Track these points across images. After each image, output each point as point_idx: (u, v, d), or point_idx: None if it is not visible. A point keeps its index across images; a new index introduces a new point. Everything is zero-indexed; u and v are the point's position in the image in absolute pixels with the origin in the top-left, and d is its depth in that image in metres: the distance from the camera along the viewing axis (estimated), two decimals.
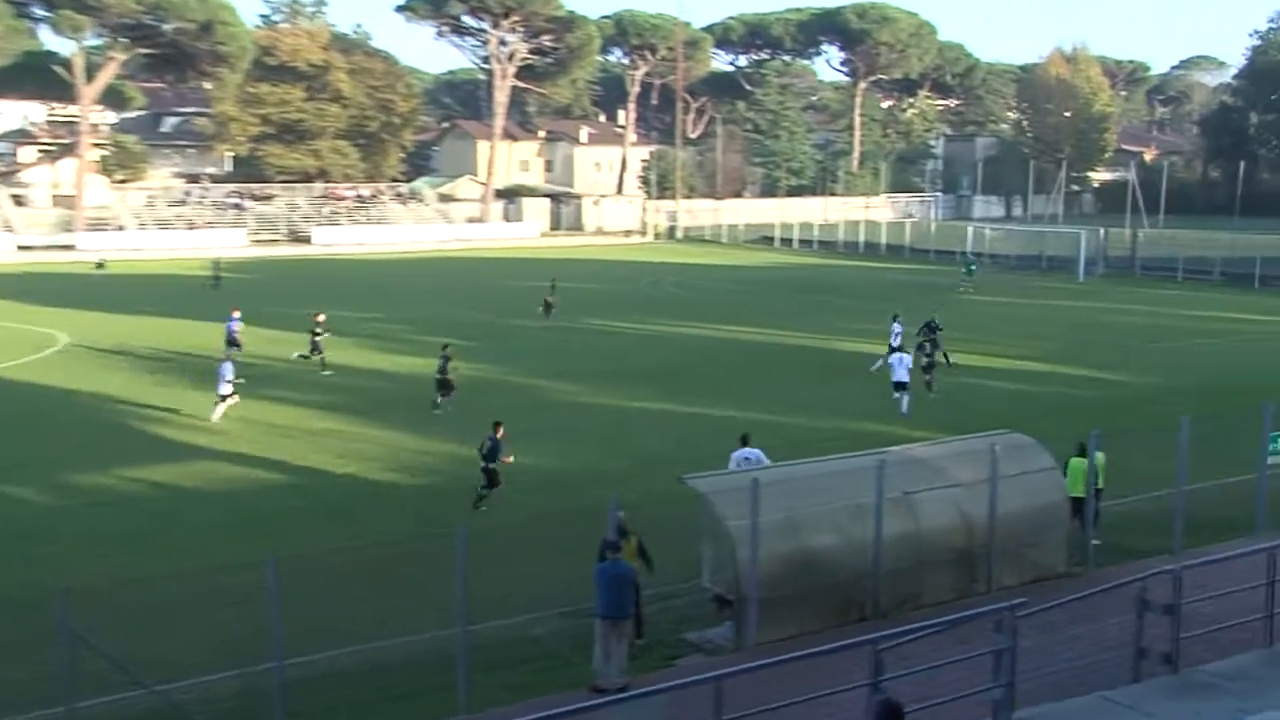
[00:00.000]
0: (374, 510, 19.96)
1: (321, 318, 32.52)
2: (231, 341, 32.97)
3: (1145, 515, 18.53)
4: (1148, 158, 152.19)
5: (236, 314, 34.35)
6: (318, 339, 31.72)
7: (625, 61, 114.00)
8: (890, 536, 14.97)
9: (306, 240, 78.58)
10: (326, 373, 31.31)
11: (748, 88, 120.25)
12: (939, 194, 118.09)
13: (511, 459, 20.23)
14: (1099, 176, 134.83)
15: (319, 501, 20.55)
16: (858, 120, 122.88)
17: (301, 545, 17.38)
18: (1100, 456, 17.83)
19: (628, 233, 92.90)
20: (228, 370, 26.68)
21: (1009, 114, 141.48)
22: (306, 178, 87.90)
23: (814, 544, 14.64)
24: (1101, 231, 64.41)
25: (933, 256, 72.25)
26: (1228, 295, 53.12)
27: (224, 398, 26.31)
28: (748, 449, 18.87)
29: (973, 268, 56.88)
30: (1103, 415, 26.63)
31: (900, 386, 27.15)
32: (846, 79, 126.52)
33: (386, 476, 21.99)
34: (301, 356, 32.21)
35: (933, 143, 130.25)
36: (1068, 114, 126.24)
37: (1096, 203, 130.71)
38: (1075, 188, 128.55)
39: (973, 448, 16.69)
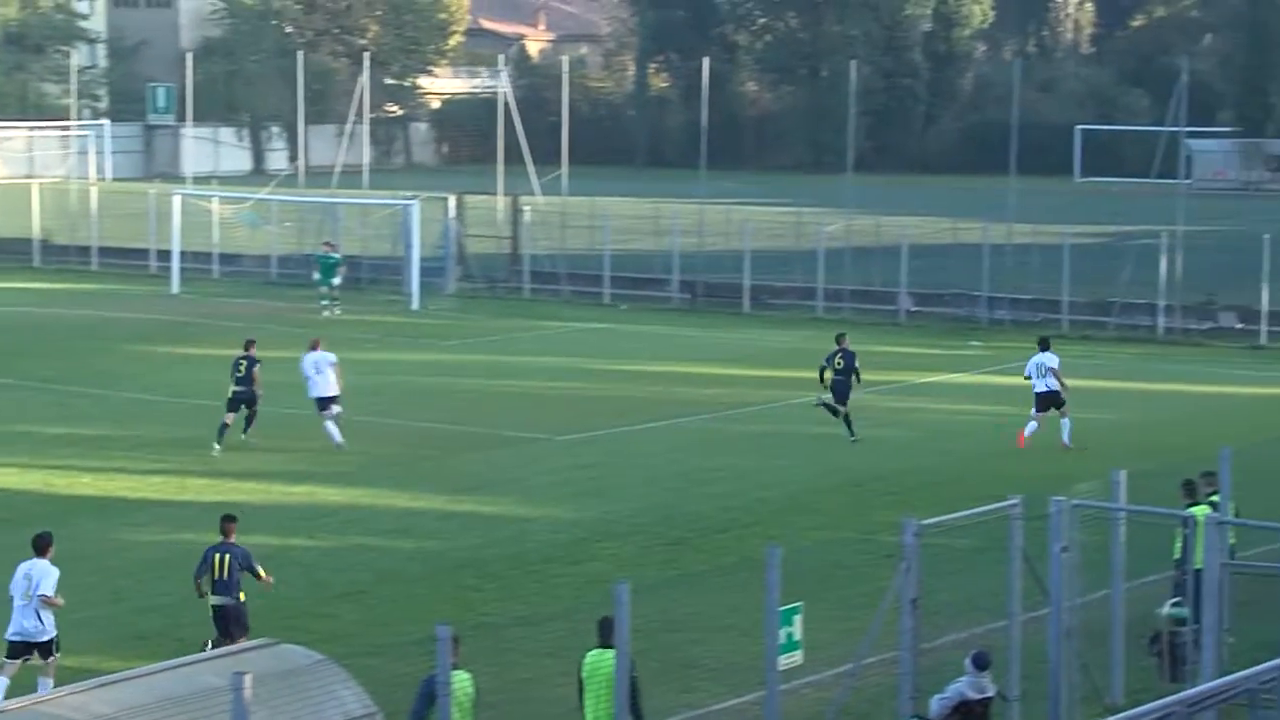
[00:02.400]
0: None
1: None
2: None
3: None
4: (534, 50, 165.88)
5: None
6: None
7: None
8: None
9: None
10: None
11: None
12: (105, 122, 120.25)
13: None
14: (441, 88, 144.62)
15: None
16: None
17: None
18: (465, 681, 19.18)
19: None
20: None
21: None
22: None
23: None
24: (451, 203, 69.42)
25: (97, 262, 73.55)
26: (693, 329, 59.76)
27: None
28: (34, 562, 23.28)
29: (335, 266, 61.89)
30: (464, 585, 28.92)
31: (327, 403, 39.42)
32: None
33: None
34: None
35: (83, 9, 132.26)
36: None
37: (438, 142, 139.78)
38: (394, 109, 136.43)
39: (196, 684, 17.09)
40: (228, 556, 24.52)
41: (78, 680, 18.32)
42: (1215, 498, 25.59)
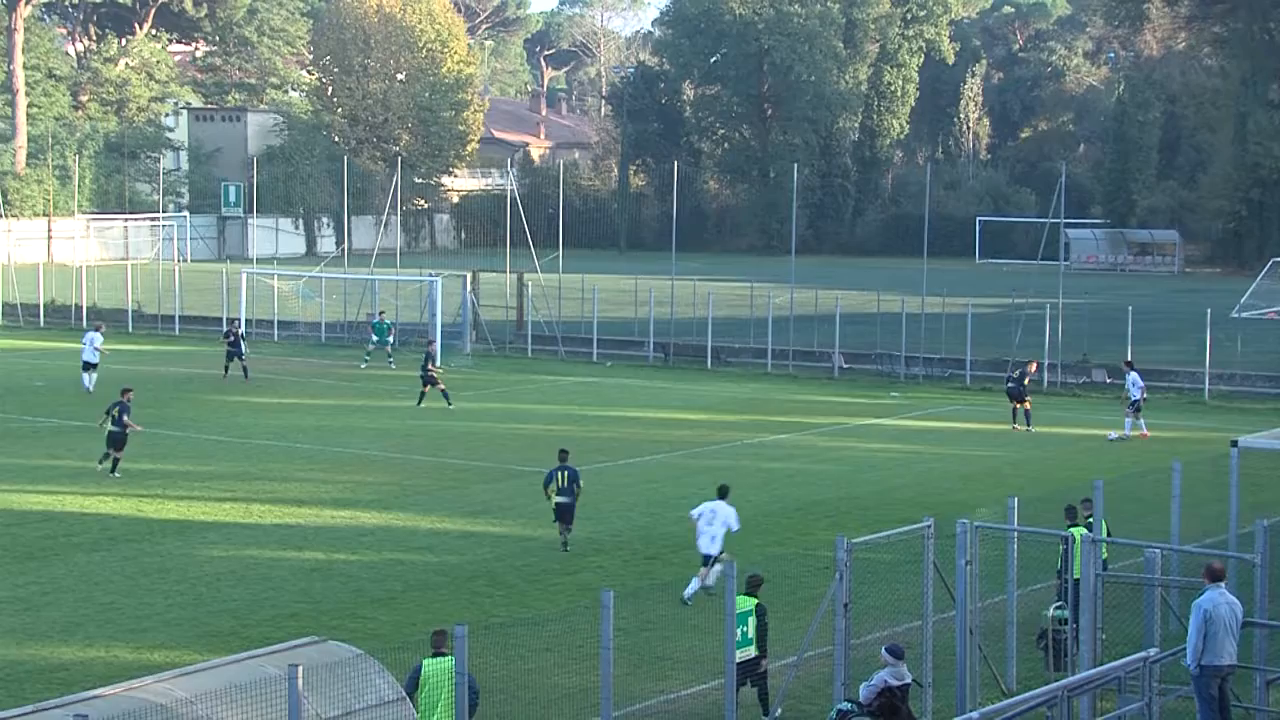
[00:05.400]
0: None
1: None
2: None
3: None
4: (535, 154, 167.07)
5: None
6: None
7: None
8: None
9: None
10: None
11: None
12: (186, 214, 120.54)
13: None
14: (460, 186, 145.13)
15: None
16: (20, 74, 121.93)
17: None
18: (450, 663, 19.12)
19: None
20: None
21: (304, 75, 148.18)
22: None
23: None
24: (467, 279, 69.61)
25: (178, 328, 73.71)
26: (665, 382, 59.89)
27: None
28: (718, 503, 28.90)
29: (388, 329, 63.55)
30: (478, 592, 28.87)
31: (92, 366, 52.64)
32: None
33: None
34: None
35: (169, 122, 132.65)
36: (400, 77, 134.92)
37: (457, 229, 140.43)
38: (421, 203, 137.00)
39: (258, 674, 17.04)
40: (565, 473, 31.86)
41: (163, 670, 18.26)
42: (1091, 520, 25.62)
